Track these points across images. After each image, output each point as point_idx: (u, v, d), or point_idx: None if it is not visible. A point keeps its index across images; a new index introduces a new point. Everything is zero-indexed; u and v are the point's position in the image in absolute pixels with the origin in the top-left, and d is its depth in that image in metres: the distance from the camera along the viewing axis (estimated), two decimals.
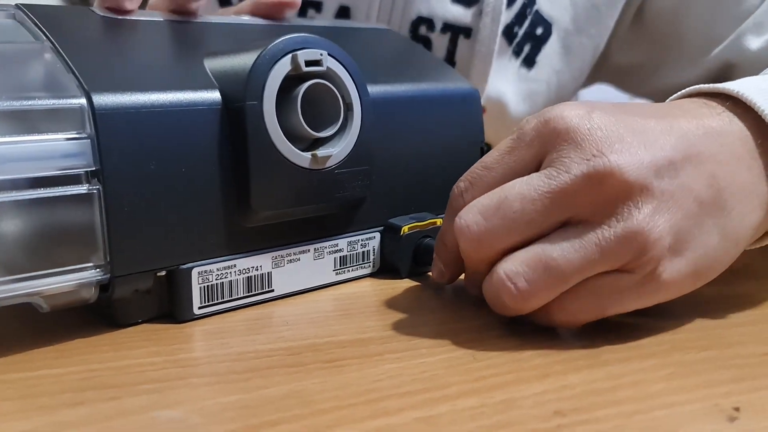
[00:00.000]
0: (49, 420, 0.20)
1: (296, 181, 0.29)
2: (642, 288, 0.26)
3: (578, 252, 0.25)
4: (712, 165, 0.27)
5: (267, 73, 0.27)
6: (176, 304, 0.27)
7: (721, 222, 0.27)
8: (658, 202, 0.25)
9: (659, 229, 0.25)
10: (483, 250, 0.26)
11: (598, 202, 0.25)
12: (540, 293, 0.25)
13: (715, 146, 0.27)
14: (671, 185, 0.25)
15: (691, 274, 0.26)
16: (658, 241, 0.25)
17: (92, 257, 0.25)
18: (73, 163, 0.24)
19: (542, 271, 0.25)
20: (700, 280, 0.27)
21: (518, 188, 0.26)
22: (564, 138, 0.26)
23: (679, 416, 0.21)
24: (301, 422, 0.20)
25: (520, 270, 0.25)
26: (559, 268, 0.25)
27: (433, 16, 0.48)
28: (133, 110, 0.25)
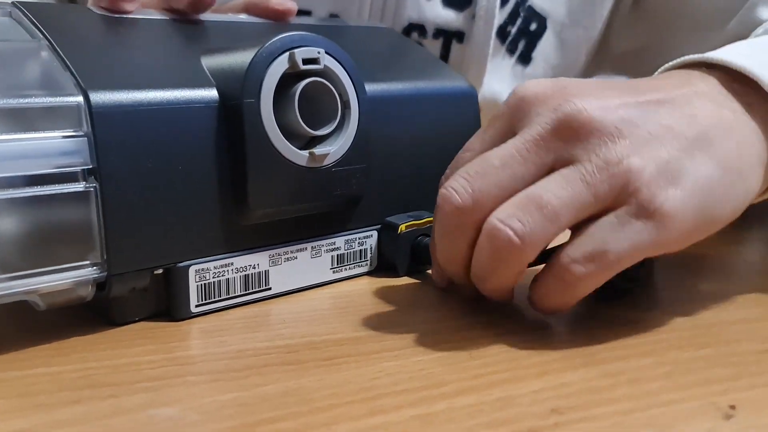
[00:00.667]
0: (47, 418, 0.20)
1: (293, 179, 0.29)
2: (646, 223, 0.24)
3: (565, 189, 0.25)
4: (689, 108, 0.27)
5: (264, 71, 0.28)
6: (173, 303, 0.27)
7: (714, 155, 0.26)
8: (635, 138, 0.25)
9: (640, 159, 0.25)
10: (473, 212, 0.26)
11: (573, 144, 0.25)
12: (538, 233, 0.24)
13: (691, 94, 0.27)
14: (645, 124, 0.26)
15: (697, 206, 0.25)
16: (642, 170, 0.24)
17: (89, 255, 0.25)
18: (69, 161, 0.24)
19: (534, 210, 0.24)
20: (710, 215, 0.26)
21: (497, 151, 0.26)
22: (532, 102, 0.26)
23: (676, 414, 0.21)
24: (299, 420, 0.20)
25: (511, 212, 0.25)
26: (551, 205, 0.24)
27: (425, 21, 0.47)
28: (130, 108, 0.25)
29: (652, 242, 0.25)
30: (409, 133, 0.34)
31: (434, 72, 0.37)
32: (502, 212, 0.25)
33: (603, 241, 0.24)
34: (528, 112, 0.26)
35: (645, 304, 0.30)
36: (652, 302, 0.31)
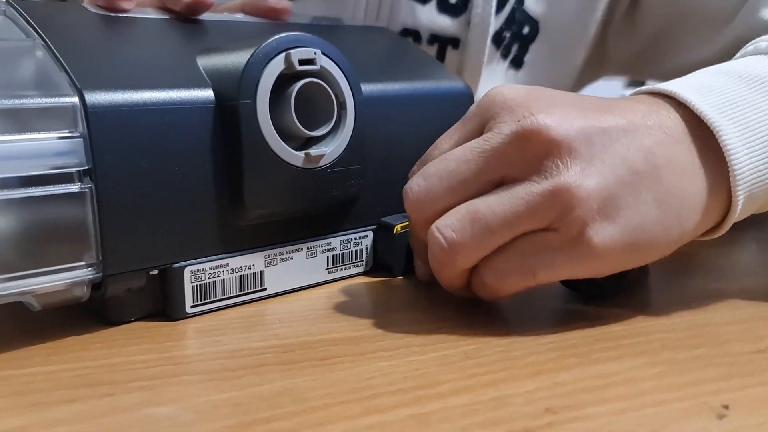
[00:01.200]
0: (43, 417, 0.20)
1: (289, 179, 0.29)
2: (572, 251, 0.26)
3: (504, 205, 0.26)
4: (649, 141, 0.27)
5: (260, 72, 0.28)
6: (169, 303, 0.27)
7: (659, 195, 0.26)
8: (587, 164, 0.25)
9: (586, 188, 0.25)
10: (424, 211, 0.27)
11: (528, 160, 0.26)
12: (467, 244, 0.26)
13: (655, 128, 0.27)
14: (603, 151, 0.26)
15: (626, 244, 0.26)
16: (584, 200, 0.25)
17: (84, 256, 0.25)
18: (65, 162, 0.24)
19: (468, 223, 0.26)
20: (637, 253, 0.27)
21: (457, 152, 0.27)
22: (501, 106, 0.27)
23: (669, 414, 0.21)
24: (294, 419, 0.20)
25: (449, 222, 0.26)
26: (485, 219, 0.26)
27: (420, 27, 0.47)
28: (126, 108, 0.25)
29: (575, 268, 0.26)
30: (405, 133, 0.34)
31: (430, 72, 0.37)
32: (442, 220, 0.27)
33: (529, 264, 0.26)
34: (494, 115, 0.27)
35: (638, 305, 0.31)
36: (646, 303, 0.31)
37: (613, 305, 0.30)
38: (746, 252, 0.40)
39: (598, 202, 0.25)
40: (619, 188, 0.26)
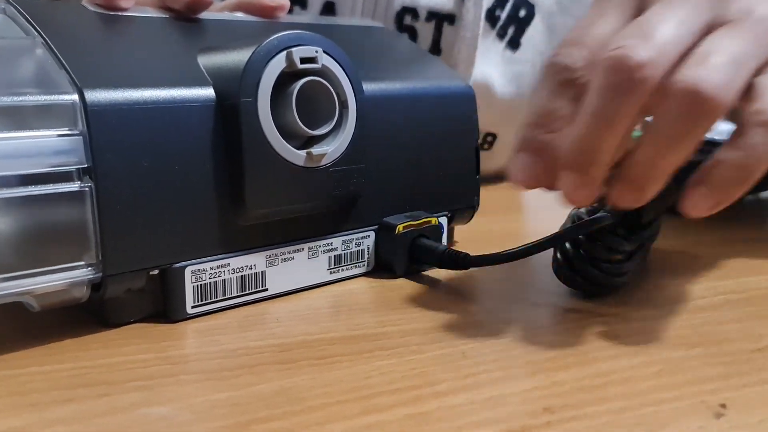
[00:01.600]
0: (40, 417, 0.20)
1: (291, 179, 0.29)
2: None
3: (745, 41, 0.24)
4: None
5: (262, 70, 0.27)
6: (169, 304, 0.27)
7: None
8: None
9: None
10: (658, 68, 0.23)
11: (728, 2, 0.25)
12: (734, 86, 0.23)
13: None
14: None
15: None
16: None
17: (84, 256, 0.25)
18: (64, 160, 0.24)
19: (729, 64, 0.23)
20: None
21: (652, 14, 0.24)
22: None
23: (667, 413, 0.21)
24: (292, 419, 0.20)
25: (712, 66, 0.23)
26: (738, 55, 0.23)
27: (417, 5, 0.49)
28: (126, 107, 0.25)
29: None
30: (407, 132, 0.34)
31: (432, 71, 0.37)
32: (695, 68, 0.23)
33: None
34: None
35: (637, 304, 0.30)
36: (644, 302, 0.31)
37: (611, 304, 0.30)
38: (744, 251, 0.40)
39: None
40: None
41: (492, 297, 0.31)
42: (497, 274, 0.34)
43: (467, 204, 0.37)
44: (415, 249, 0.33)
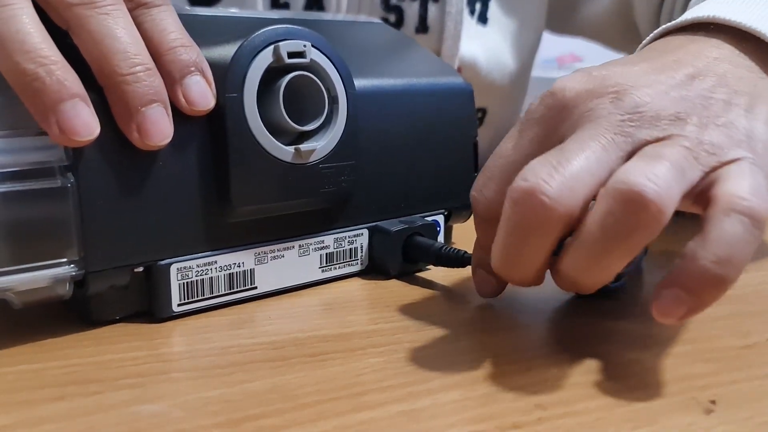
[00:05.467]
0: (30, 415, 0.20)
1: (278, 175, 0.29)
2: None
3: (674, 152, 0.23)
4: (719, 77, 0.27)
5: (248, 65, 0.27)
6: (155, 301, 0.27)
7: (757, 113, 0.26)
8: (697, 115, 0.25)
9: (716, 134, 0.24)
10: (568, 203, 0.22)
11: (650, 129, 0.24)
12: (673, 191, 0.22)
13: (711, 61, 0.27)
14: (696, 100, 0.25)
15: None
16: (722, 145, 0.24)
17: (66, 252, 0.25)
18: (46, 157, 0.24)
19: (664, 167, 0.22)
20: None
21: (568, 144, 0.24)
22: (577, 101, 0.25)
23: (657, 409, 0.22)
24: (284, 416, 0.21)
25: (643, 170, 0.22)
26: (672, 161, 0.23)
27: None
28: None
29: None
30: (401, 129, 0.34)
31: (428, 67, 0.37)
32: (630, 172, 0.22)
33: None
34: (574, 110, 0.25)
35: (627, 301, 0.31)
36: (635, 299, 0.31)
37: (603, 302, 0.31)
38: None
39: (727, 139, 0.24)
40: (738, 119, 0.25)
41: None
42: None
43: (465, 201, 0.37)
44: (409, 247, 0.33)
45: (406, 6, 0.50)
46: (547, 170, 0.23)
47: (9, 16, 0.23)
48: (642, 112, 0.24)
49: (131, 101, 0.25)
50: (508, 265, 0.24)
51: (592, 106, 0.25)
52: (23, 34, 0.23)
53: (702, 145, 0.24)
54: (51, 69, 0.23)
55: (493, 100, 0.59)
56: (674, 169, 0.22)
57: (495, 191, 0.26)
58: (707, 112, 0.25)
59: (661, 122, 0.24)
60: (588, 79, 0.26)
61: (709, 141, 0.24)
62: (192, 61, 0.27)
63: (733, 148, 0.24)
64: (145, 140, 0.25)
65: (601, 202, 0.22)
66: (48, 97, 0.23)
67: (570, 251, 0.23)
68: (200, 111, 0.27)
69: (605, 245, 0.22)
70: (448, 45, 0.52)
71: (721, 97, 0.26)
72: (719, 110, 0.25)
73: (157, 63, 0.26)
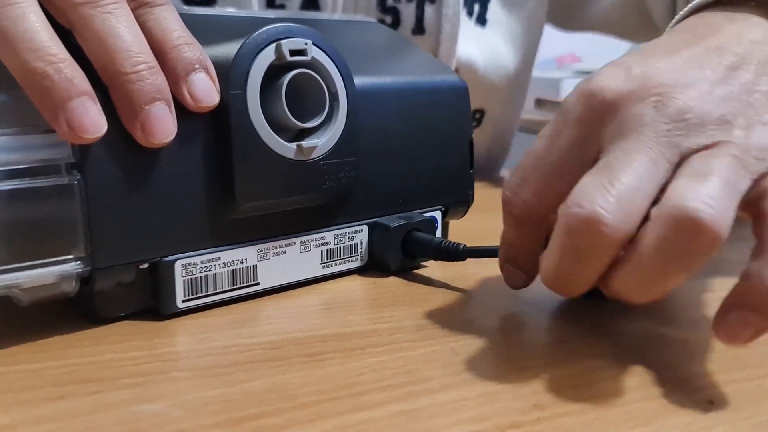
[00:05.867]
0: (29, 414, 0.20)
1: (281, 172, 0.28)
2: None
3: (723, 165, 0.22)
4: (758, 62, 0.25)
5: (251, 62, 0.27)
6: (160, 298, 0.27)
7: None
8: (743, 115, 0.24)
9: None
10: (623, 227, 0.21)
11: (696, 136, 0.23)
12: (727, 211, 0.21)
13: (747, 43, 0.26)
14: (742, 96, 0.24)
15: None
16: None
17: (73, 249, 0.24)
18: (53, 154, 0.24)
19: (716, 186, 0.21)
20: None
21: (613, 158, 0.23)
22: (618, 103, 0.24)
23: (655, 409, 0.21)
24: (284, 416, 0.20)
25: (700, 193, 0.21)
26: (722, 178, 0.22)
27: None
28: None
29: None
30: (399, 126, 0.33)
31: (424, 66, 0.37)
32: (684, 196, 0.21)
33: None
34: (616, 115, 0.24)
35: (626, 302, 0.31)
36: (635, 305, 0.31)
37: (602, 301, 0.30)
38: (734, 250, 0.40)
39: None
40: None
41: (484, 294, 0.31)
42: (490, 270, 0.33)
43: (461, 198, 0.37)
44: (408, 243, 0.33)
45: (403, 7, 0.49)
46: (601, 194, 0.22)
47: (17, 15, 0.23)
48: (687, 119, 0.23)
49: (135, 100, 0.24)
50: (561, 282, 0.24)
51: (635, 112, 0.23)
52: (31, 32, 0.23)
53: (750, 152, 0.23)
54: (59, 67, 0.23)
55: (492, 101, 0.58)
56: (726, 185, 0.21)
57: (533, 194, 0.25)
58: (752, 110, 0.24)
59: (707, 128, 0.23)
60: (628, 78, 0.24)
61: (757, 145, 0.23)
62: (196, 58, 0.26)
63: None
64: (149, 138, 0.25)
65: (657, 225, 0.21)
66: (57, 95, 0.23)
67: (623, 270, 0.22)
68: (205, 107, 0.26)
69: (662, 268, 0.21)
70: (445, 47, 0.51)
71: (766, 88, 0.24)
72: (764, 105, 0.24)
73: (160, 61, 0.26)
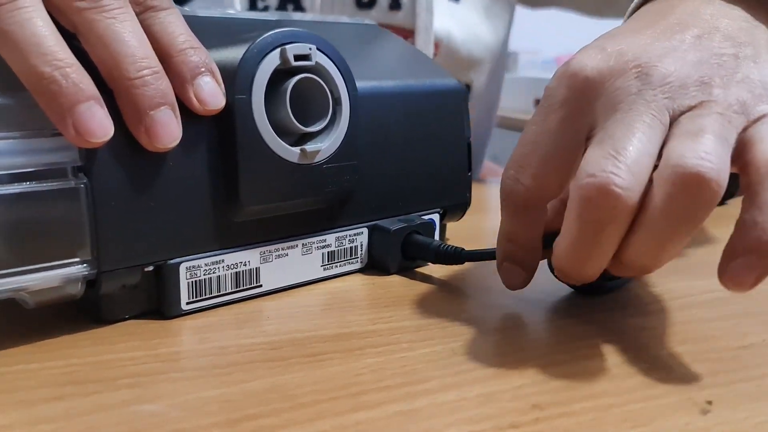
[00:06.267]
0: (28, 415, 0.20)
1: (285, 175, 0.28)
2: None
3: (713, 122, 0.23)
4: (720, 35, 0.26)
5: (256, 67, 0.27)
6: (164, 300, 0.27)
7: (758, 58, 0.25)
8: (719, 76, 0.24)
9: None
10: (634, 191, 0.22)
11: (682, 98, 0.24)
12: (724, 164, 0.22)
13: (707, 17, 0.27)
14: (711, 59, 0.25)
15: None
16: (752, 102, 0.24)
17: (79, 252, 0.24)
18: (59, 158, 0.23)
19: (711, 141, 0.22)
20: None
21: (614, 126, 0.23)
22: (602, 81, 0.24)
23: (654, 409, 0.21)
24: (283, 416, 0.20)
25: (699, 150, 0.21)
26: (714, 134, 0.22)
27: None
28: None
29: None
30: (399, 129, 0.33)
31: (423, 69, 0.37)
32: (682, 154, 0.22)
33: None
34: (601, 91, 0.24)
35: (626, 302, 0.30)
36: (633, 300, 0.30)
37: (600, 301, 0.30)
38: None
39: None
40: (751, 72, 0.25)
41: (484, 294, 0.31)
42: (490, 270, 0.33)
43: (459, 200, 0.37)
44: (408, 245, 0.32)
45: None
46: (610, 162, 0.22)
47: (24, 20, 0.23)
48: (670, 82, 0.24)
49: (139, 104, 0.24)
50: (580, 261, 0.23)
51: (619, 85, 0.24)
52: (38, 37, 0.23)
53: (731, 107, 0.23)
54: (66, 72, 0.22)
55: (477, 76, 0.59)
56: (718, 139, 0.22)
57: (533, 177, 0.25)
58: (724, 71, 0.24)
59: (689, 90, 0.24)
60: (604, 56, 0.25)
61: (736, 101, 0.24)
62: (202, 62, 0.26)
63: (757, 104, 0.24)
64: (153, 142, 0.24)
65: (662, 187, 0.22)
66: (64, 99, 0.22)
67: (637, 237, 0.23)
68: (212, 110, 0.26)
69: (672, 228, 0.22)
70: (422, 19, 0.52)
71: (730, 51, 0.25)
72: (733, 66, 0.25)
73: (167, 65, 0.25)
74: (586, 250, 0.23)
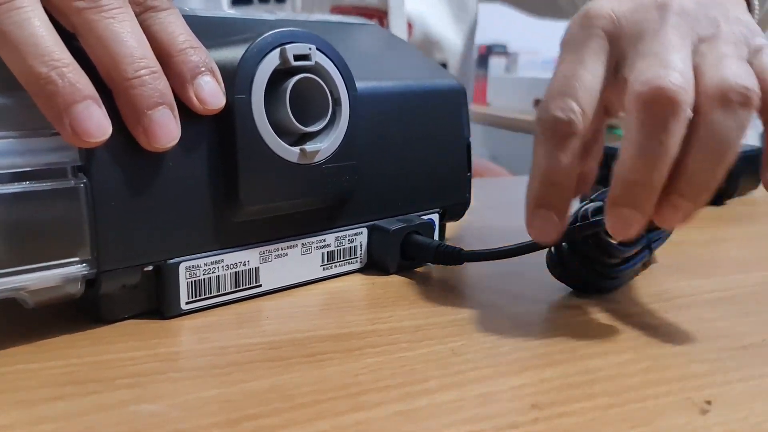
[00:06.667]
0: (28, 415, 0.19)
1: (284, 175, 0.28)
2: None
3: (734, 48, 0.25)
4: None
5: (256, 67, 0.27)
6: (163, 300, 0.26)
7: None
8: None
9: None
10: (688, 92, 0.23)
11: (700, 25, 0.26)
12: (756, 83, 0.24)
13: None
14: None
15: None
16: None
17: (79, 252, 0.24)
18: (59, 158, 0.23)
19: (744, 64, 0.25)
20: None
21: (653, 40, 0.25)
22: (627, 18, 0.26)
23: (653, 409, 0.20)
24: (282, 416, 0.20)
25: (735, 69, 0.24)
26: (738, 55, 0.25)
27: None
28: None
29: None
30: (398, 129, 0.33)
31: (423, 69, 0.36)
32: (730, 76, 0.24)
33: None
34: (628, 26, 0.26)
35: (625, 301, 0.30)
36: (632, 299, 0.30)
37: (600, 301, 0.29)
38: (731, 250, 0.39)
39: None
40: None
41: (483, 293, 0.31)
42: (489, 269, 0.33)
43: (459, 200, 0.36)
44: (407, 246, 0.32)
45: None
46: (663, 70, 0.23)
47: (22, 20, 0.22)
48: (689, 13, 0.26)
49: (137, 104, 0.24)
50: (647, 169, 0.23)
51: (645, 17, 0.26)
52: (36, 37, 0.22)
53: (739, 42, 0.26)
54: (63, 72, 0.22)
55: (450, 54, 0.62)
56: (741, 62, 0.25)
57: (581, 102, 0.25)
58: (721, 11, 0.27)
59: (702, 23, 0.26)
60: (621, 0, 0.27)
61: (739, 35, 0.26)
62: (202, 61, 0.26)
63: (754, 37, 0.26)
64: (152, 142, 0.24)
65: (715, 101, 0.23)
66: (61, 99, 0.22)
67: (696, 149, 0.23)
68: (212, 110, 0.26)
69: (728, 140, 0.23)
70: (394, 0, 0.53)
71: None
72: (724, 9, 0.27)
73: (167, 65, 0.25)
74: (652, 156, 0.23)
